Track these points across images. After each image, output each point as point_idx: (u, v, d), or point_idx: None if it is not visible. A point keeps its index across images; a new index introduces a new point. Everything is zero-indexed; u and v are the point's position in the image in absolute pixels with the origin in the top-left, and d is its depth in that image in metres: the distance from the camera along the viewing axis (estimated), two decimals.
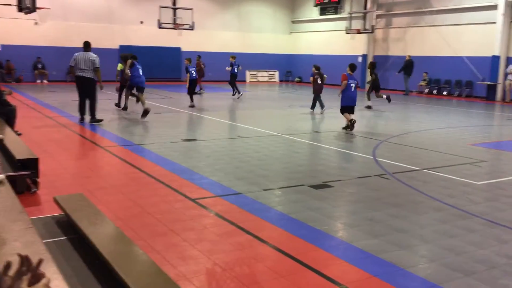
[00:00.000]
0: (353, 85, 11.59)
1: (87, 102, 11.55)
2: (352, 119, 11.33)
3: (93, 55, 11.50)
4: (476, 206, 5.70)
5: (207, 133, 10.79)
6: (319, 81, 14.83)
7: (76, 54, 11.51)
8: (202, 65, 21.26)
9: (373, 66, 17.54)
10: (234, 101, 18.33)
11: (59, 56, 24.65)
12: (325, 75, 15.31)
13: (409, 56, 23.58)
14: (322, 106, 14.71)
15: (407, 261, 4.09)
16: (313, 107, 14.98)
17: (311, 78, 15.32)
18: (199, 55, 22.35)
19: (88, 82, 11.38)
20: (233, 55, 20.28)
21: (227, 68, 19.93)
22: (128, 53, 15.00)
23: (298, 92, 23.70)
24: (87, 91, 11.46)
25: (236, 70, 19.61)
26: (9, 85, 21.25)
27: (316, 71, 15.05)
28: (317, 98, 14.82)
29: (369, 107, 16.26)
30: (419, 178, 6.96)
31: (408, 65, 23.24)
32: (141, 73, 13.11)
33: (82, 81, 11.40)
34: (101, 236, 3.36)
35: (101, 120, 11.58)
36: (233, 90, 19.21)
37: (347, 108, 11.57)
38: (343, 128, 11.39)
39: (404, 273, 3.86)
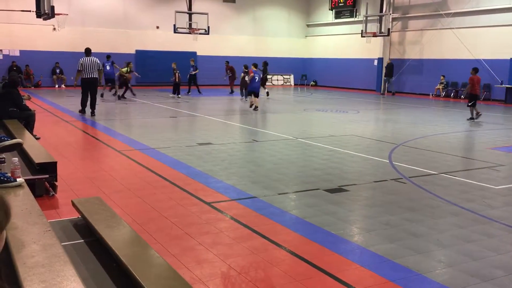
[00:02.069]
0: (257, 77, 16.75)
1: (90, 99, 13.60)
2: (253, 104, 16.13)
3: (97, 59, 13.67)
4: (494, 210, 5.62)
5: (222, 137, 10.83)
6: (246, 78, 18.52)
7: (81, 59, 13.52)
8: (229, 70, 23.89)
9: (265, 64, 22.91)
10: (246, 105, 18.38)
11: (77, 61, 24.93)
12: (263, 74, 19.82)
13: (390, 59, 25.42)
14: (245, 96, 19.05)
15: (423, 266, 4.05)
16: (244, 95, 19.83)
17: (242, 75, 20.03)
18: (227, 61, 24.56)
19: (95, 82, 13.59)
20: (193, 59, 22.96)
21: (191, 72, 22.42)
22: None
23: (313, 96, 23.64)
24: (93, 89, 13.59)
25: (193, 72, 22.11)
26: (28, 90, 21.60)
27: (245, 70, 19.48)
28: (243, 88, 18.70)
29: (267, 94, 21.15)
30: (436, 182, 6.89)
31: (388, 68, 25.10)
32: (257, 80, 16.96)
33: (92, 81, 13.49)
34: (118, 239, 3.39)
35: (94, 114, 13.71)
36: (241, 93, 20.98)
37: (251, 92, 16.52)
38: (250, 107, 16.40)
39: (421, 278, 3.82)
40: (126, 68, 20.01)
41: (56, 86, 24.80)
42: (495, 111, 17.88)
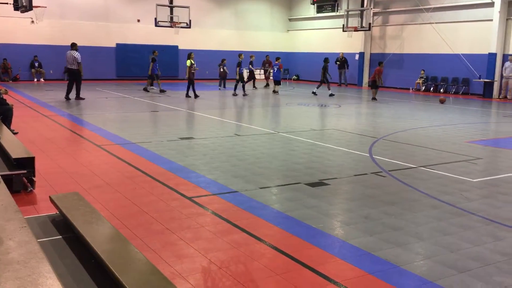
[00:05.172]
0: (276, 68, 21.26)
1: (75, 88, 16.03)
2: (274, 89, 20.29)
3: (75, 53, 15.99)
4: (472, 203, 5.72)
5: (204, 131, 10.79)
6: (221, 70, 21.17)
7: (67, 52, 16.33)
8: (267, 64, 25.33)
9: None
10: (231, 100, 18.34)
11: (56, 55, 24.59)
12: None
13: (343, 53, 26.94)
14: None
15: (402, 258, 4.10)
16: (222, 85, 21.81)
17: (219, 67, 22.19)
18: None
19: (72, 72, 16.20)
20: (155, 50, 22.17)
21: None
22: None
23: (295, 90, 23.69)
24: (74, 78, 16.21)
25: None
26: (6, 84, 21.21)
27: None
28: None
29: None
30: (415, 176, 6.98)
31: (341, 62, 26.88)
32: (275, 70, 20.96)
33: (72, 72, 16.30)
34: (96, 234, 3.36)
35: (83, 99, 16.14)
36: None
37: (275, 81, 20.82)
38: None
39: (400, 270, 3.88)
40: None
41: (35, 80, 24.38)
42: (473, 105, 18.17)
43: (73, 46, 16.27)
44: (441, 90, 23.17)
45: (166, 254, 4.05)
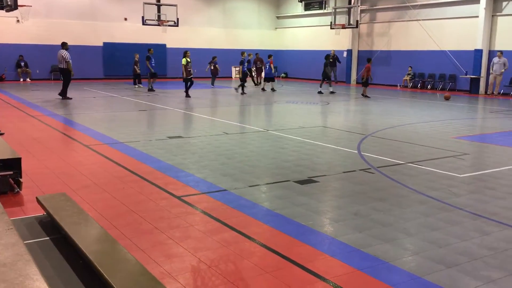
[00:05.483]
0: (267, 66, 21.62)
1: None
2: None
3: (63, 52, 16.30)
4: (459, 198, 5.77)
5: (193, 130, 10.75)
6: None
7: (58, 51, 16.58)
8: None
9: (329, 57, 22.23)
10: (220, 98, 18.30)
11: (42, 54, 24.37)
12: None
13: (334, 51, 25.92)
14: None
15: (391, 254, 4.13)
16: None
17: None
18: (257, 53, 25.43)
19: (63, 71, 16.58)
20: (136, 53, 22.29)
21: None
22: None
23: (284, 88, 23.71)
24: (63, 76, 16.70)
25: (137, 70, 22.01)
26: None
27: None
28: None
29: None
30: (404, 172, 7.02)
31: (333, 59, 26.03)
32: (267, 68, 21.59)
33: (60, 71, 16.86)
34: (84, 235, 3.33)
35: (70, 98, 16.22)
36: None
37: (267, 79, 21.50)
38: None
39: (388, 266, 3.90)
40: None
41: (21, 79, 24.11)
42: (460, 101, 18.33)
43: (64, 45, 16.52)
44: (428, 87, 23.35)
45: (155, 254, 4.03)
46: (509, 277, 3.75)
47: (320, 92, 20.35)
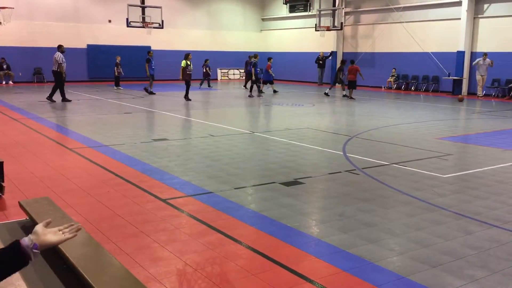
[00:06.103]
0: (258, 69, 20.86)
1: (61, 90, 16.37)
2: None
3: (56, 54, 16.25)
4: (443, 198, 5.83)
5: (178, 133, 10.71)
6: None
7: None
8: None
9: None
10: (207, 100, 18.26)
11: (25, 57, 24.08)
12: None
13: (323, 53, 26.43)
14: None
15: (376, 255, 4.15)
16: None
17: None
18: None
19: (54, 73, 16.49)
20: (118, 56, 22.58)
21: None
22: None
23: (269, 90, 23.74)
24: (55, 79, 16.55)
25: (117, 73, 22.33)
26: None
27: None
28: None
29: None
30: (388, 173, 7.08)
31: (323, 61, 26.67)
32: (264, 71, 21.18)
33: (53, 73, 16.55)
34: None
35: (54, 101, 16.10)
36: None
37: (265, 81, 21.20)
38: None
39: (374, 267, 3.93)
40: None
41: (3, 82, 23.77)
42: (443, 102, 18.54)
43: (59, 48, 16.49)
44: (412, 88, 23.59)
45: (141, 258, 4.00)
46: (493, 276, 3.80)
47: (326, 94, 20.55)
